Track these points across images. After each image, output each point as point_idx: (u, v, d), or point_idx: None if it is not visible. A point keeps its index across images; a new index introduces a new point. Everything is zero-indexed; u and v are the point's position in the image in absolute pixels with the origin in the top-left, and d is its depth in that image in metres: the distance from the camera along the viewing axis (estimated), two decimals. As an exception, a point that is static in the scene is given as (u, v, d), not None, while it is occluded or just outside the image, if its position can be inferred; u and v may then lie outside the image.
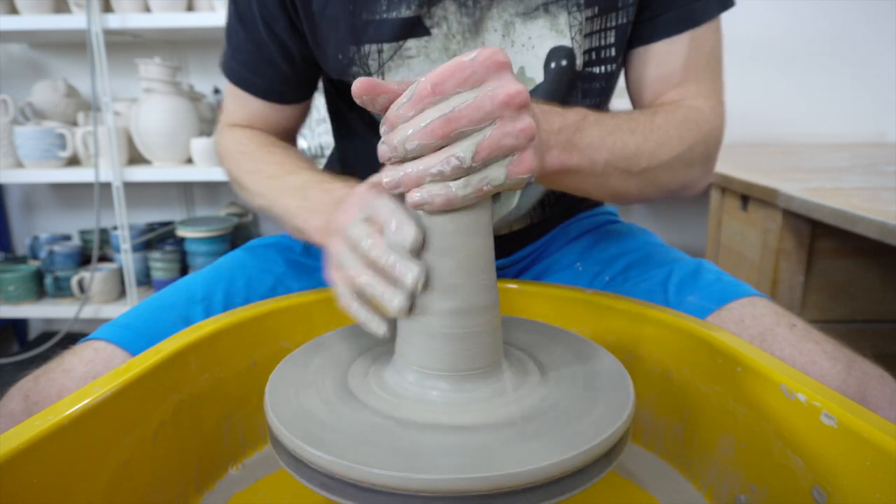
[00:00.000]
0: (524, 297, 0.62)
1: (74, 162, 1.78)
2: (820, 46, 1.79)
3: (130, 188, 1.74)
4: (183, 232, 1.80)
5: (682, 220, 1.94)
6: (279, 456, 0.37)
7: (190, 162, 1.74)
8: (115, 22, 1.60)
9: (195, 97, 1.84)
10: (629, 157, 0.54)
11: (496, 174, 0.37)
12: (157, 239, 1.93)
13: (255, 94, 0.69)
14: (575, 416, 0.37)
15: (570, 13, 0.59)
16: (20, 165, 1.73)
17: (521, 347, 0.47)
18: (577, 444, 0.34)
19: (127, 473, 0.41)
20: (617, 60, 0.63)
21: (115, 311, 1.77)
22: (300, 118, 0.74)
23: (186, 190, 2.06)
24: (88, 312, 1.75)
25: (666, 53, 0.63)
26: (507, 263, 0.74)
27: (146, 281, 1.86)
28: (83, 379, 0.50)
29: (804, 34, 1.79)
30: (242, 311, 0.55)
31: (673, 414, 0.53)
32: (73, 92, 1.85)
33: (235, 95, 0.70)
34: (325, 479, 0.33)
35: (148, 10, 1.64)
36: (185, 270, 1.87)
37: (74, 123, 1.80)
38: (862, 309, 1.10)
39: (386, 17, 0.59)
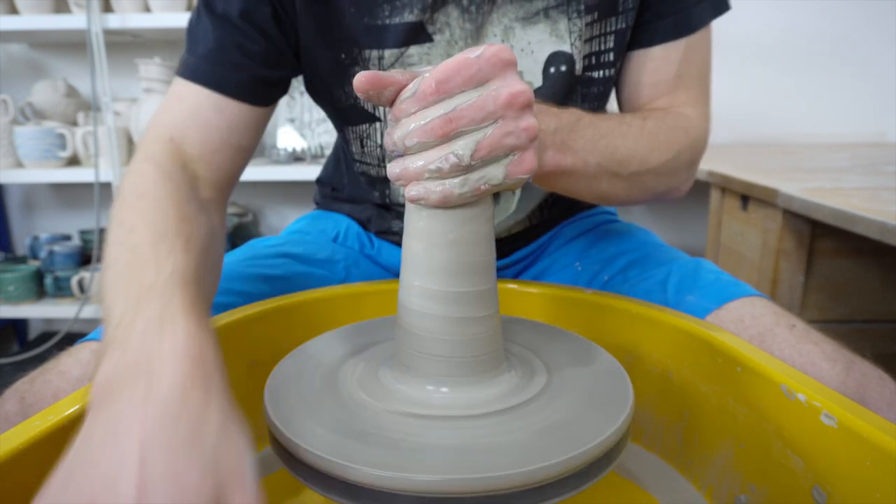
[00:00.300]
0: (524, 297, 0.62)
1: (74, 162, 1.78)
2: (820, 46, 1.79)
3: (130, 188, 1.73)
4: (183, 232, 1.80)
5: (682, 220, 1.94)
6: (279, 456, 0.37)
7: (190, 162, 1.74)
8: (115, 22, 1.60)
9: (195, 97, 1.84)
10: (620, 160, 0.54)
11: (495, 173, 0.37)
12: (157, 239, 1.93)
13: (223, 90, 0.57)
14: (574, 416, 0.37)
15: (570, 19, 0.59)
16: (20, 165, 1.73)
17: (521, 347, 0.47)
18: (577, 444, 0.34)
19: (127, 473, 0.41)
20: (615, 65, 0.64)
21: (115, 311, 1.76)
22: (258, 131, 0.61)
23: (186, 190, 2.06)
24: (88, 312, 1.75)
25: (662, 59, 0.63)
26: (506, 264, 0.74)
27: (146, 281, 1.86)
28: (79, 381, 0.50)
29: (804, 34, 1.79)
30: (242, 311, 0.55)
31: (673, 414, 0.53)
32: (73, 92, 1.85)
33: (175, 89, 0.59)
34: (324, 478, 0.33)
35: (148, 10, 1.64)
36: (185, 270, 1.86)
37: (74, 123, 1.80)
38: (862, 309, 1.10)
39: (388, 22, 0.59)
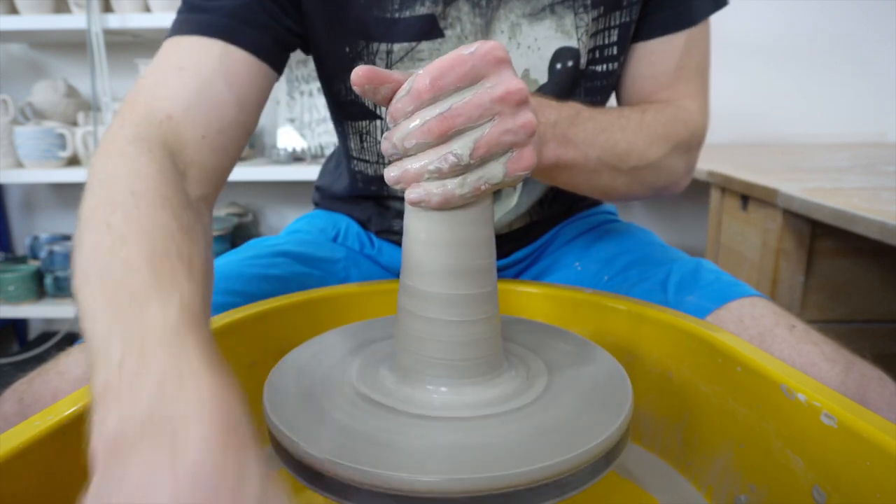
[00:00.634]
0: (524, 297, 0.62)
1: (74, 162, 1.77)
2: (820, 46, 1.79)
3: (130, 188, 1.73)
4: (183, 232, 1.80)
5: (682, 220, 1.94)
6: (279, 456, 0.37)
7: (190, 162, 1.74)
8: (115, 22, 1.60)
9: (195, 97, 1.84)
10: (620, 154, 0.54)
11: (494, 171, 0.37)
12: (156, 239, 1.93)
13: (242, 45, 0.52)
14: (574, 416, 0.37)
15: (576, 14, 0.59)
16: (20, 165, 1.73)
17: (520, 347, 0.47)
18: (576, 444, 0.34)
19: (127, 473, 0.41)
20: (619, 59, 0.63)
21: (115, 311, 1.76)
22: (260, 110, 0.57)
23: (186, 190, 2.05)
24: (88, 312, 1.75)
25: (662, 52, 0.63)
26: (506, 264, 0.74)
27: (146, 281, 1.86)
28: (78, 381, 0.49)
29: (804, 34, 1.79)
30: (242, 310, 0.54)
31: (673, 414, 0.53)
32: (73, 92, 1.85)
33: (170, 58, 0.52)
34: (324, 478, 0.33)
35: (148, 10, 1.63)
36: (185, 270, 1.86)
37: (74, 123, 1.80)
38: (862, 309, 1.10)
39: (399, 15, 0.57)
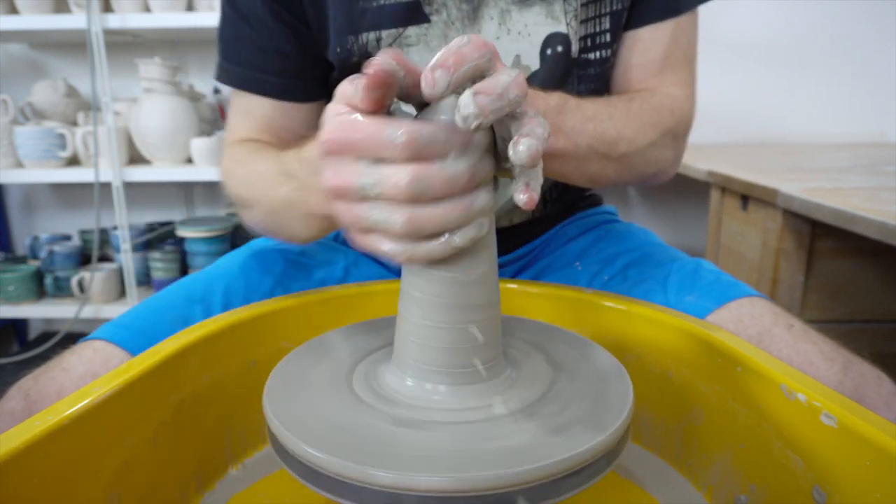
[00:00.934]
0: (524, 296, 0.62)
1: (74, 162, 1.78)
2: (820, 46, 1.79)
3: (130, 188, 1.74)
4: (183, 232, 1.80)
5: (682, 220, 1.94)
6: (279, 456, 0.37)
7: (190, 162, 1.74)
8: (115, 22, 1.60)
9: (195, 97, 1.84)
10: (609, 142, 0.55)
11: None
12: (157, 239, 1.93)
13: (265, 93, 0.64)
14: (574, 416, 0.37)
15: (565, 0, 0.60)
16: (20, 165, 1.73)
17: (521, 347, 0.47)
18: (576, 444, 0.34)
19: (127, 473, 0.41)
20: (612, 46, 0.64)
21: (115, 311, 1.77)
22: (313, 120, 0.63)
23: (186, 190, 2.06)
24: (88, 312, 1.75)
25: (650, 40, 0.64)
26: (506, 261, 0.74)
27: (146, 281, 1.86)
28: (82, 378, 0.50)
29: (804, 34, 1.79)
30: (242, 311, 0.55)
31: (673, 414, 0.53)
32: (73, 92, 1.85)
33: (240, 105, 0.66)
34: (325, 478, 0.33)
35: (148, 10, 1.64)
36: (185, 270, 1.86)
37: (74, 123, 1.80)
38: (861, 309, 1.10)
39: (384, 2, 0.60)
